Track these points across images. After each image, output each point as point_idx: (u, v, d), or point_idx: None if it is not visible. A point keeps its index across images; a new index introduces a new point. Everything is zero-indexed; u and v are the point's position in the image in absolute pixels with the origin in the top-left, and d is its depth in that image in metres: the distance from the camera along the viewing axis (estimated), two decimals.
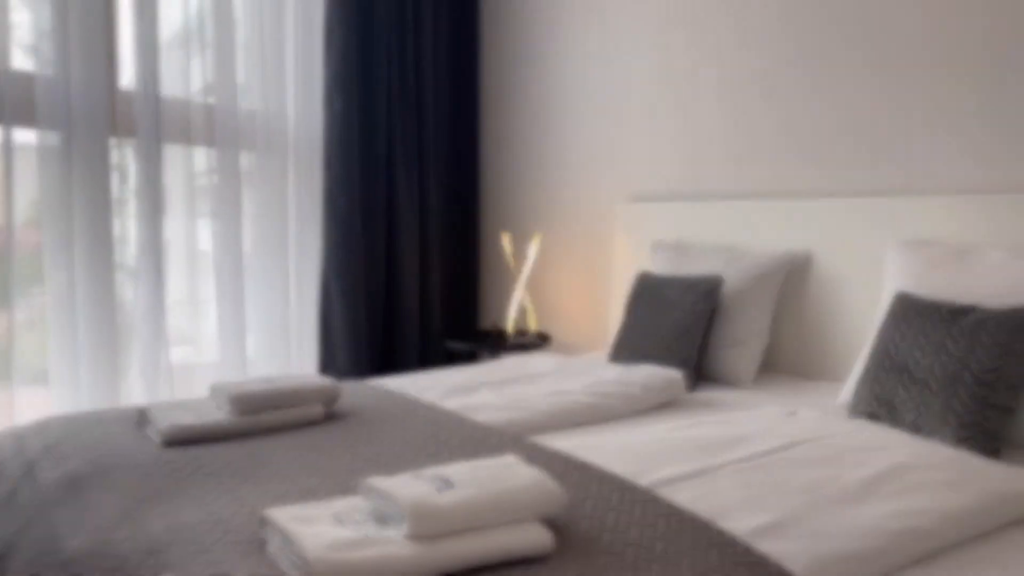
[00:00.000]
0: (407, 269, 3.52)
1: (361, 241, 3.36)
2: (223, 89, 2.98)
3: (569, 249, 3.49)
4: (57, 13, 2.60)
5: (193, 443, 1.62)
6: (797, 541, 1.16)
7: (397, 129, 3.46)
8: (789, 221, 2.55)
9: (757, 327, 2.45)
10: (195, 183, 3.01)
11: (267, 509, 1.16)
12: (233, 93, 3.00)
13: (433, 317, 3.64)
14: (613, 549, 1.11)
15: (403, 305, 3.52)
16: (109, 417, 1.82)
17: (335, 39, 3.23)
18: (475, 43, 3.83)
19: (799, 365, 2.52)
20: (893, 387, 1.80)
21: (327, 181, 3.28)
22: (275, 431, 1.72)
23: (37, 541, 1.20)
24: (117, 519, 1.22)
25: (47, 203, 2.63)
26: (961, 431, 1.64)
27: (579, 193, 3.41)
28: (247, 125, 3.10)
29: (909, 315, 1.86)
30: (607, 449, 1.58)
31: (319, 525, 1.08)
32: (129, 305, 2.84)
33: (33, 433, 1.71)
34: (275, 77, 3.15)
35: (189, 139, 2.96)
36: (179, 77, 2.93)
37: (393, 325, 3.55)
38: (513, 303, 3.36)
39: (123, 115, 2.79)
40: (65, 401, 2.67)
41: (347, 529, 1.07)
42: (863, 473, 1.40)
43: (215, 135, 2.99)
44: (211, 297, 3.06)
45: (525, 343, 3.26)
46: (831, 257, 2.44)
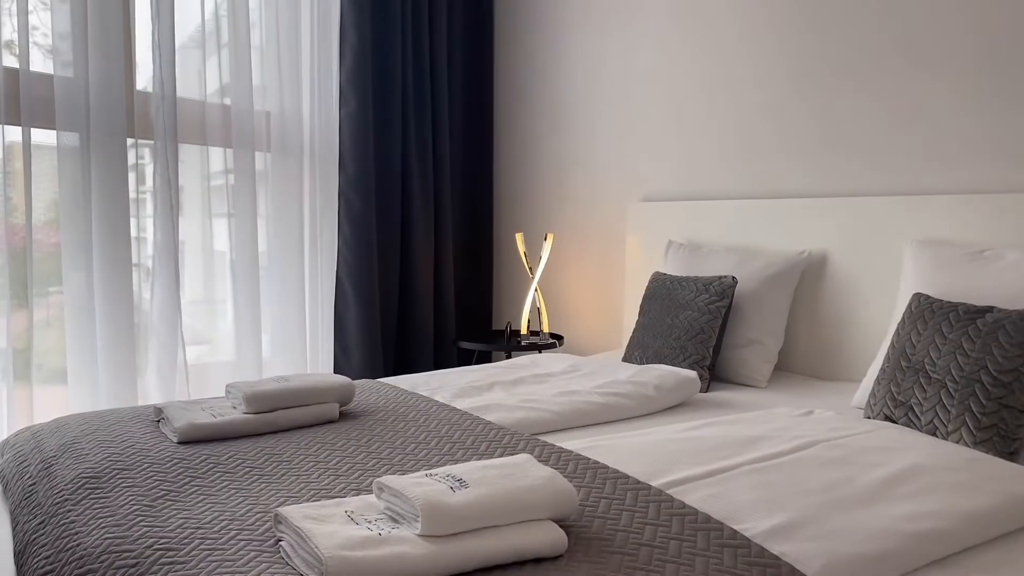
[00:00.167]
0: (421, 269, 3.53)
1: (375, 241, 3.37)
2: (239, 90, 3.00)
3: (582, 249, 3.49)
4: (76, 16, 2.63)
5: (208, 441, 1.64)
6: (811, 542, 1.15)
7: (411, 130, 3.47)
8: (804, 221, 2.54)
9: (772, 327, 2.44)
10: (211, 183, 3.04)
11: (281, 507, 1.17)
12: (249, 94, 3.02)
13: (447, 317, 3.65)
14: (626, 549, 1.11)
15: (417, 305, 3.54)
16: (126, 415, 1.84)
17: (350, 40, 3.25)
18: (489, 45, 3.84)
19: (814, 365, 2.51)
20: (909, 388, 1.78)
21: (342, 181, 3.30)
22: (290, 430, 1.74)
23: (55, 538, 1.21)
24: (133, 516, 1.23)
25: (66, 203, 2.66)
26: (978, 432, 1.63)
27: (592, 193, 3.41)
28: (263, 126, 3.13)
29: (926, 315, 1.85)
30: (620, 449, 1.58)
31: (332, 523, 1.08)
32: (146, 304, 2.86)
33: (51, 431, 1.73)
34: (291, 78, 3.17)
35: (205, 140, 2.98)
36: (195, 78, 2.96)
37: (407, 325, 3.56)
38: (526, 303, 3.36)
39: (140, 116, 2.82)
40: (83, 399, 2.69)
41: (360, 528, 1.08)
42: (879, 474, 1.40)
43: (231, 136, 3.01)
44: (227, 297, 3.09)
45: (538, 343, 3.26)
46: (847, 257, 2.42)
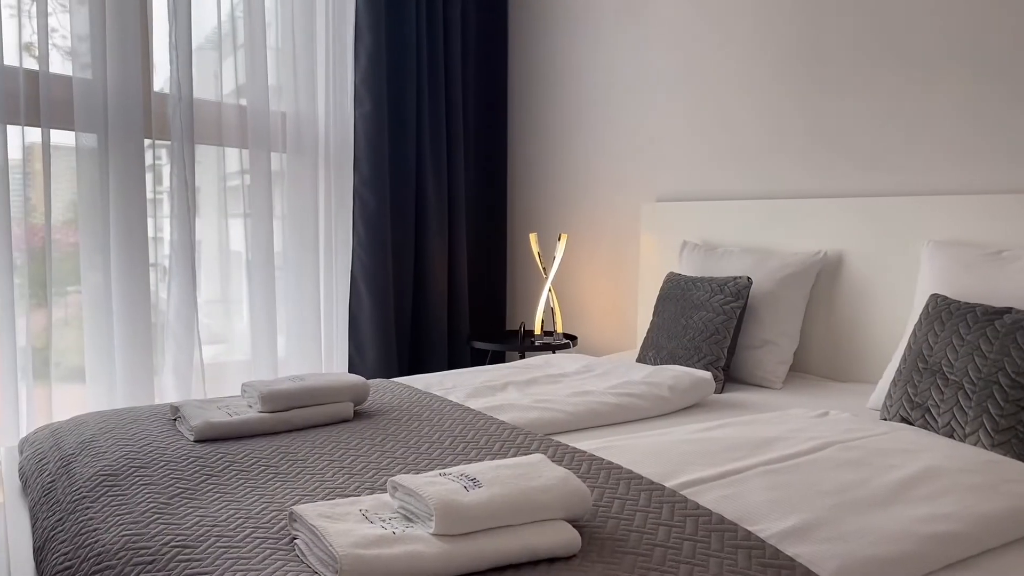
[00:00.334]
0: (435, 269, 3.54)
1: (390, 241, 3.38)
2: (255, 91, 3.02)
3: (596, 249, 3.48)
4: (94, 18, 2.65)
5: (224, 440, 1.65)
6: (826, 544, 1.15)
7: (426, 130, 3.48)
8: (820, 221, 2.52)
9: (787, 328, 2.43)
10: (227, 184, 3.06)
11: (296, 505, 1.18)
12: (265, 95, 3.04)
13: (461, 317, 3.66)
14: (640, 549, 1.11)
15: (431, 305, 3.55)
16: (143, 414, 1.85)
17: (365, 41, 3.26)
18: (503, 45, 3.84)
19: (830, 367, 2.50)
20: (926, 389, 1.77)
21: (357, 182, 3.32)
22: (305, 428, 1.75)
23: (73, 534, 1.22)
24: (150, 514, 1.24)
25: (84, 204, 2.69)
26: (996, 435, 1.61)
27: (606, 193, 3.40)
28: (278, 126, 3.14)
29: (943, 316, 1.83)
30: (634, 450, 1.58)
31: (347, 522, 1.09)
32: (163, 304, 2.89)
33: (69, 429, 1.74)
34: (306, 79, 3.18)
35: (221, 140, 3.00)
36: (212, 79, 2.98)
37: (421, 324, 3.57)
38: (540, 303, 3.36)
39: (157, 117, 2.85)
40: (100, 398, 2.72)
41: (375, 526, 1.08)
42: (895, 476, 1.39)
43: (247, 136, 3.03)
44: (243, 296, 3.11)
45: (552, 343, 3.26)
46: (863, 257, 2.41)
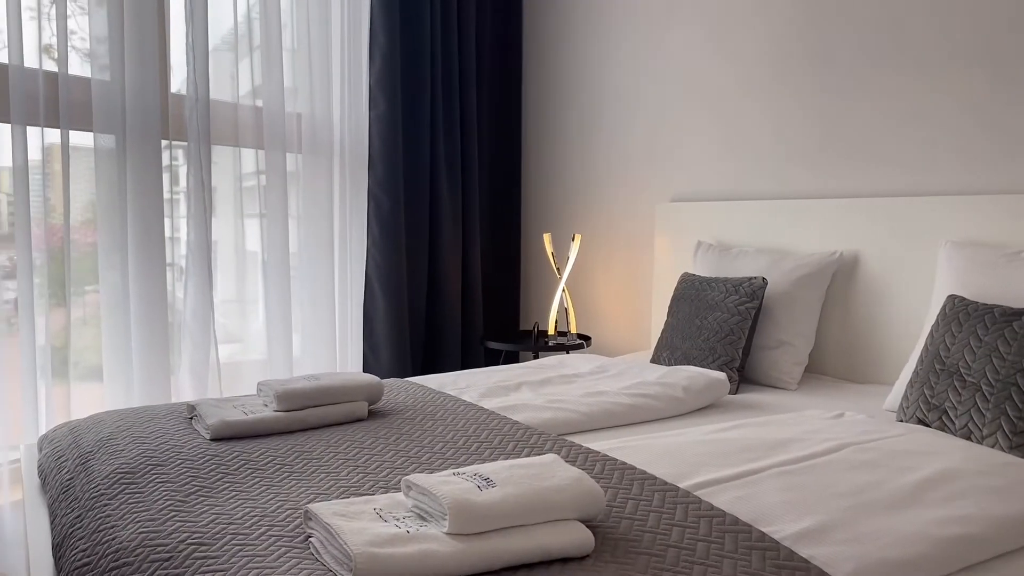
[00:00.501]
0: (449, 269, 3.55)
1: (404, 241, 3.39)
2: (271, 92, 3.04)
3: (610, 250, 3.48)
4: (112, 20, 2.68)
5: (240, 438, 1.66)
6: (841, 546, 1.14)
7: (440, 132, 3.49)
8: (835, 221, 2.51)
9: (802, 329, 2.41)
10: (243, 184, 3.08)
11: (311, 504, 1.18)
12: (280, 96, 3.06)
13: (475, 317, 3.67)
14: (653, 550, 1.11)
15: (445, 305, 3.55)
16: (160, 412, 1.87)
17: (379, 44, 3.27)
18: (517, 47, 3.84)
19: (845, 368, 2.48)
20: (944, 391, 1.76)
21: (371, 182, 3.33)
22: (320, 427, 1.76)
23: (91, 531, 1.24)
24: (167, 511, 1.26)
25: (102, 204, 2.71)
26: (1014, 437, 1.60)
27: (620, 193, 3.40)
28: (294, 127, 3.16)
29: (960, 318, 1.82)
30: (648, 450, 1.58)
31: (361, 520, 1.09)
32: (179, 304, 2.91)
33: (88, 427, 1.76)
34: (321, 81, 3.20)
35: (237, 141, 3.02)
36: (228, 81, 3.00)
37: (435, 324, 3.58)
38: (554, 303, 3.36)
39: (175, 118, 2.87)
40: (118, 396, 2.75)
41: (389, 525, 1.09)
42: (911, 478, 1.38)
43: (263, 137, 3.05)
44: (258, 296, 3.13)
45: (566, 344, 3.25)
46: (879, 258, 2.39)
